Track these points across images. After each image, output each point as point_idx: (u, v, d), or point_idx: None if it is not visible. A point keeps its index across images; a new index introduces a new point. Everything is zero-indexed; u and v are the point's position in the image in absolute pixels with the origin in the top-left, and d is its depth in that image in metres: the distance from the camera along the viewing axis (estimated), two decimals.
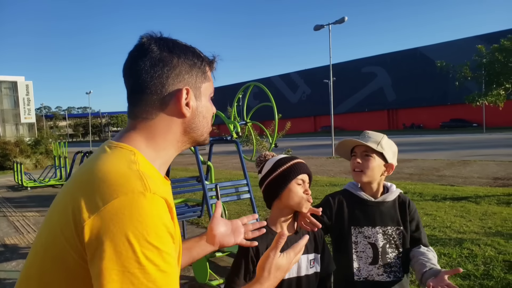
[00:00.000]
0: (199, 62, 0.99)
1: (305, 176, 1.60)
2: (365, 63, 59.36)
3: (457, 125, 48.93)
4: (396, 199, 1.83)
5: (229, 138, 3.92)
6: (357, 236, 1.78)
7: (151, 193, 0.80)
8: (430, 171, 12.33)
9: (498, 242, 4.74)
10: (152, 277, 0.75)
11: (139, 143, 0.93)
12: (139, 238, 0.75)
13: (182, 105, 0.94)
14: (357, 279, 1.77)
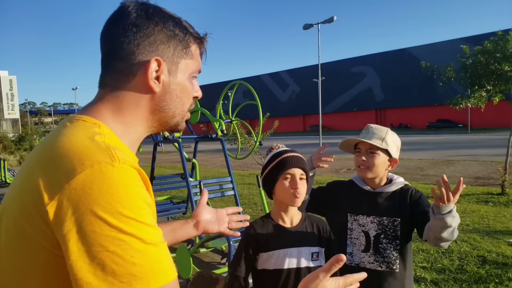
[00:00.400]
0: (181, 34, 0.88)
1: (294, 171, 1.57)
2: (355, 63, 59.73)
3: (444, 125, 49.57)
4: (398, 190, 1.83)
5: (214, 136, 3.98)
6: (352, 223, 1.83)
7: (120, 163, 0.71)
8: (415, 170, 12.55)
9: (474, 238, 4.91)
10: (136, 252, 0.66)
11: (105, 116, 0.84)
12: (113, 212, 0.66)
13: (149, 77, 0.84)
14: (349, 264, 1.79)
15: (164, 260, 0.71)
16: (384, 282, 1.76)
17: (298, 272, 1.58)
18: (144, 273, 0.66)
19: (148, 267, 0.67)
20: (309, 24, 19.83)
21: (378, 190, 1.83)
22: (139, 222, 0.68)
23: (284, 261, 1.58)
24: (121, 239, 0.66)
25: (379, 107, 57.88)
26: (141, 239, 0.67)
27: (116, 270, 0.65)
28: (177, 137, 3.84)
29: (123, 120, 0.85)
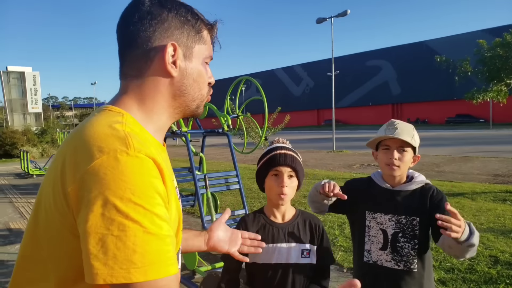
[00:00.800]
0: (193, 20, 0.91)
1: (282, 168, 1.56)
2: (370, 56, 58.98)
3: (463, 120, 48.65)
4: (419, 190, 1.78)
5: (220, 131, 3.97)
6: (371, 221, 1.82)
7: (135, 151, 0.73)
8: (430, 166, 12.33)
9: (488, 238, 4.79)
10: (139, 240, 0.68)
11: (130, 105, 0.87)
12: (122, 198, 0.68)
13: (167, 62, 0.87)
14: (367, 261, 1.80)
15: (166, 253, 0.72)
16: (401, 281, 1.74)
17: (286, 267, 1.58)
18: (144, 263, 0.68)
19: (148, 257, 0.68)
20: (322, 18, 19.58)
21: (398, 188, 1.80)
22: (147, 210, 0.70)
23: (273, 256, 1.58)
24: (126, 225, 0.68)
25: (396, 101, 57.10)
26: (146, 228, 0.69)
27: (117, 255, 0.67)
28: (185, 131, 3.83)
29: (146, 108, 0.88)
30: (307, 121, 64.55)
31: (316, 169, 12.45)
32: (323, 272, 1.67)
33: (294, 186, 1.59)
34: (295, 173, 1.57)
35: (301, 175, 1.61)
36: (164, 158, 0.87)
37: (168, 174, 0.82)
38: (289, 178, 1.56)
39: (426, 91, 51.80)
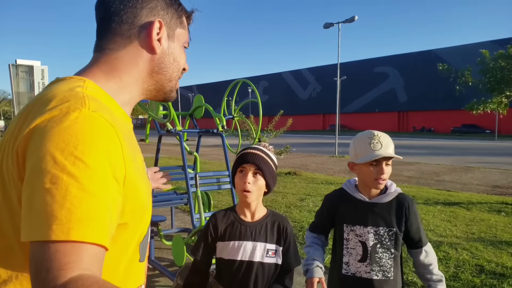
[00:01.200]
0: (175, 4, 0.95)
1: (247, 166, 1.63)
2: (378, 63, 58.86)
3: (469, 130, 48.39)
4: (394, 200, 1.82)
5: (215, 131, 4.06)
6: (349, 234, 1.83)
7: (90, 110, 0.71)
8: (430, 175, 12.33)
9: (476, 247, 4.83)
10: (69, 195, 0.62)
11: (97, 76, 0.87)
12: (63, 150, 0.64)
13: (153, 38, 0.89)
14: (345, 273, 1.83)
15: (98, 216, 0.64)
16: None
17: (250, 265, 1.64)
18: (69, 219, 0.61)
19: (75, 215, 0.61)
20: (330, 23, 19.62)
21: (374, 200, 1.83)
22: (89, 167, 0.64)
23: (238, 253, 1.64)
24: (60, 178, 0.62)
25: (402, 109, 56.93)
26: (82, 185, 0.63)
27: (42, 208, 0.61)
28: (179, 130, 3.92)
29: (118, 79, 0.88)
30: (312, 125, 64.51)
31: (316, 173, 12.50)
32: (287, 273, 1.73)
33: (260, 185, 1.64)
34: (260, 172, 1.62)
35: (268, 175, 1.65)
36: (127, 129, 0.86)
37: (128, 147, 0.78)
38: (254, 176, 1.62)
39: (433, 100, 51.62)
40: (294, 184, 9.84)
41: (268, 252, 1.67)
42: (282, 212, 6.76)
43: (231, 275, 1.65)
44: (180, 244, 3.68)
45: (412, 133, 52.52)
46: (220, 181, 3.90)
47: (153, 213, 5.38)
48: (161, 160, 15.14)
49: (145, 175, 0.90)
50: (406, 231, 1.82)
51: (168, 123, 3.80)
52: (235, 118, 4.31)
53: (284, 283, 1.72)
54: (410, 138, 38.41)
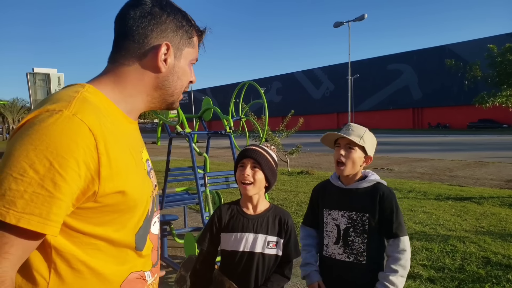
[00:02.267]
0: (187, 26, 1.03)
1: (245, 160, 1.77)
2: (391, 60, 58.29)
3: (486, 125, 47.46)
4: (370, 188, 1.91)
5: (223, 132, 4.22)
6: (327, 218, 1.97)
7: (71, 113, 0.80)
8: (443, 171, 12.26)
9: (485, 240, 4.87)
10: (30, 188, 0.74)
11: (103, 84, 0.97)
12: (36, 148, 0.75)
13: (159, 59, 0.98)
14: (325, 254, 1.97)
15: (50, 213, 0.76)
16: (351, 272, 1.89)
17: (251, 256, 1.75)
18: (24, 210, 0.74)
19: (30, 208, 0.74)
20: (340, 22, 19.64)
21: (350, 186, 1.94)
22: (53, 167, 0.75)
23: (240, 244, 1.76)
24: (27, 172, 0.74)
25: (416, 105, 56.22)
26: (43, 182, 0.74)
27: (5, 193, 0.74)
28: (188, 132, 4.09)
29: (123, 90, 0.98)
30: (326, 125, 64.22)
31: (329, 172, 12.56)
32: (287, 263, 1.85)
33: (259, 178, 1.76)
34: (258, 165, 1.75)
35: (266, 169, 1.77)
36: (122, 131, 0.94)
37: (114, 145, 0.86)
38: (252, 169, 1.75)
39: (448, 95, 50.86)
40: (306, 183, 9.95)
41: (269, 243, 1.78)
42: (293, 210, 6.89)
43: (233, 265, 1.77)
44: (191, 241, 3.84)
45: (427, 129, 51.84)
46: (228, 180, 4.06)
47: (167, 213, 5.60)
48: (174, 162, 15.42)
49: (142, 171, 0.99)
50: (379, 220, 1.87)
51: (177, 126, 3.97)
52: (242, 119, 4.47)
53: (284, 272, 1.83)
54: (425, 135, 37.98)
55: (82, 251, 0.88)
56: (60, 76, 58.36)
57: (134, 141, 1.00)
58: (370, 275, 1.87)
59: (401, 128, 52.99)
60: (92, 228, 0.88)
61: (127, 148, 0.93)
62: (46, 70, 57.69)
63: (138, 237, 0.98)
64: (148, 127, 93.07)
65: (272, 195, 8.27)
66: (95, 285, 0.91)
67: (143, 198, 0.98)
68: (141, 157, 1.01)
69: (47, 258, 0.85)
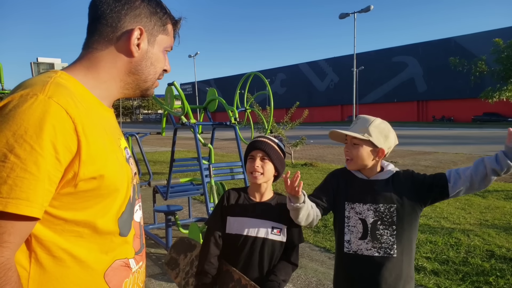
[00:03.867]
0: (161, 12, 1.03)
1: (254, 152, 1.81)
2: (396, 52, 57.79)
3: (491, 119, 47.15)
4: (391, 178, 1.84)
5: (228, 123, 4.22)
6: (350, 211, 1.85)
7: (46, 97, 0.80)
8: (448, 164, 12.23)
9: (489, 233, 4.87)
10: (13, 173, 0.74)
11: (77, 70, 0.97)
12: (15, 133, 0.75)
13: (132, 43, 0.98)
14: (347, 251, 1.84)
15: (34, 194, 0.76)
16: (382, 267, 1.79)
17: (255, 240, 1.79)
18: (9, 195, 0.74)
19: (16, 192, 0.74)
20: (345, 14, 19.48)
21: (373, 178, 1.86)
22: (34, 149, 0.76)
23: (244, 228, 1.79)
24: (8, 157, 0.74)
25: (421, 98, 55.87)
26: (25, 165, 0.75)
27: None
28: (193, 123, 4.09)
29: (97, 75, 0.98)
30: (331, 117, 64.02)
31: (333, 164, 12.55)
32: (292, 249, 1.87)
33: (268, 169, 1.80)
34: (268, 157, 1.79)
35: (275, 159, 1.81)
36: (98, 115, 0.94)
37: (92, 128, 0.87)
38: (262, 160, 1.80)
39: (453, 88, 50.45)
40: (310, 175, 9.95)
41: (273, 229, 1.81)
42: None
43: (237, 250, 1.79)
44: (196, 231, 3.87)
45: (432, 122, 51.58)
46: (233, 171, 4.07)
47: (171, 203, 5.62)
48: (179, 153, 15.47)
49: (121, 157, 0.99)
50: (418, 190, 1.80)
51: (182, 117, 3.97)
52: (247, 111, 4.46)
53: (290, 259, 1.85)
54: (430, 128, 37.80)
55: (64, 239, 0.87)
56: (64, 66, 58.31)
57: (111, 128, 0.99)
58: (401, 268, 1.81)
59: (405, 120, 52.73)
60: (74, 214, 0.88)
61: (104, 133, 0.93)
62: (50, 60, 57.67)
63: (121, 222, 0.98)
64: (152, 118, 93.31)
65: (276, 186, 8.28)
66: (78, 274, 0.90)
67: (123, 183, 0.98)
68: (119, 144, 1.01)
69: (27, 247, 0.85)
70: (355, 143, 1.81)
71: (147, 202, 6.02)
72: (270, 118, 4.17)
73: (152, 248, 4.56)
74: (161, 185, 5.04)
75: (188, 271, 1.94)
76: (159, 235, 4.88)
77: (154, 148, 19.61)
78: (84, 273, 0.90)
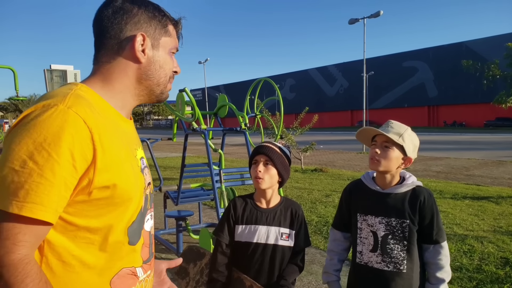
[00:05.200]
0: (160, 15, 1.05)
1: (258, 157, 1.82)
2: (406, 57, 57.47)
3: (504, 124, 46.48)
4: (409, 192, 1.79)
5: (238, 129, 4.24)
6: (362, 223, 1.83)
7: (65, 107, 0.84)
8: (460, 170, 12.08)
9: (503, 240, 4.79)
10: (30, 179, 0.78)
11: (93, 84, 1.00)
12: (35, 141, 0.79)
13: (137, 49, 1.00)
14: (359, 262, 1.84)
15: (49, 199, 0.79)
16: (391, 282, 1.76)
17: (265, 247, 1.80)
18: (26, 199, 0.78)
19: (32, 197, 0.78)
20: (355, 19, 19.43)
21: (387, 190, 1.81)
22: (52, 157, 0.80)
23: (254, 236, 1.80)
24: (27, 164, 0.78)
25: (432, 103, 55.39)
26: (42, 172, 0.78)
27: (9, 186, 0.78)
28: (204, 129, 4.12)
29: (111, 87, 1.02)
30: (340, 122, 63.79)
31: (343, 169, 12.49)
32: (299, 253, 1.88)
33: (272, 174, 1.80)
34: (271, 161, 1.79)
35: (279, 164, 1.81)
36: (115, 125, 0.97)
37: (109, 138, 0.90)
38: (265, 165, 1.80)
39: (465, 93, 49.93)
40: (320, 181, 9.91)
41: (282, 235, 1.82)
42: (307, 207, 6.87)
43: (247, 257, 1.80)
44: (206, 237, 3.88)
45: (443, 128, 51.04)
46: (243, 176, 4.08)
47: (182, 209, 5.64)
48: (190, 159, 15.54)
49: (136, 167, 1.01)
50: (419, 225, 1.76)
51: (193, 122, 4.00)
52: (257, 116, 4.47)
53: (297, 262, 1.87)
54: (441, 133, 37.41)
55: (75, 244, 0.90)
56: (76, 73, 59.11)
57: (128, 138, 1.02)
58: (410, 284, 1.78)
59: (416, 126, 52.24)
60: (87, 221, 0.90)
61: (120, 143, 0.95)
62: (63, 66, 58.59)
63: (131, 231, 1.00)
64: (162, 124, 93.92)
65: (286, 192, 8.27)
66: (85, 279, 0.92)
67: (137, 193, 1.00)
68: (135, 154, 1.03)
69: (39, 252, 0.87)
70: (386, 146, 1.77)
71: (158, 208, 6.05)
72: (280, 123, 4.17)
73: (162, 253, 4.58)
74: (172, 190, 5.07)
75: (198, 279, 1.95)
76: (170, 241, 4.90)
77: (165, 153, 19.72)
78: (91, 279, 0.93)
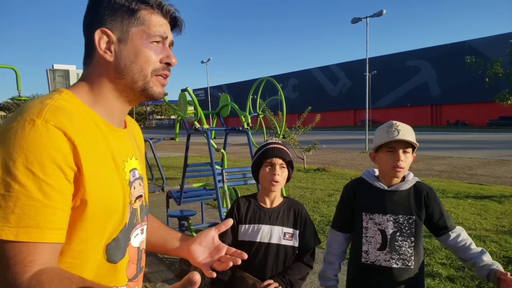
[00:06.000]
0: (126, 4, 0.95)
1: (275, 160, 1.80)
2: (409, 56, 57.39)
3: (507, 123, 46.34)
4: (412, 188, 1.82)
5: (240, 129, 4.25)
6: (368, 222, 1.82)
7: (43, 121, 0.78)
8: (462, 169, 12.05)
9: (506, 239, 4.78)
10: (19, 202, 0.73)
11: (79, 90, 0.95)
12: (15, 161, 0.74)
13: (98, 48, 0.93)
14: (365, 261, 1.82)
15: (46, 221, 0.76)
16: (400, 278, 1.78)
17: (268, 247, 1.80)
18: (18, 224, 0.74)
19: (25, 221, 0.74)
20: (358, 18, 19.41)
21: (393, 188, 1.82)
22: (37, 177, 0.75)
23: (257, 235, 1.81)
24: (12, 187, 0.74)
25: (435, 102, 55.30)
26: (30, 193, 0.74)
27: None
28: (206, 128, 4.13)
29: (94, 92, 0.96)
30: (343, 121, 63.77)
31: (346, 169, 12.49)
32: (307, 252, 1.87)
33: (285, 176, 1.84)
34: (286, 164, 1.82)
35: (291, 166, 1.86)
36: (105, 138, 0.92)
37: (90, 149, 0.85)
38: (281, 168, 1.81)
39: (468, 92, 49.82)
40: (322, 180, 9.91)
41: (285, 235, 1.82)
42: (310, 207, 6.88)
43: (250, 257, 1.79)
44: None
45: (446, 127, 50.93)
46: (246, 176, 4.09)
47: (184, 208, 5.66)
48: (192, 159, 15.57)
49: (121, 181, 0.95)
50: (428, 219, 1.81)
51: (196, 122, 4.01)
52: (260, 116, 4.48)
53: (304, 260, 1.85)
54: (444, 132, 37.34)
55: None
56: (79, 73, 59.20)
57: (115, 150, 0.95)
58: (417, 279, 1.81)
59: (419, 125, 52.15)
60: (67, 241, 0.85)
61: (101, 157, 0.89)
62: (65, 66, 58.77)
63: (109, 248, 0.93)
64: (165, 124, 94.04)
65: (289, 192, 8.28)
66: None
67: (118, 209, 0.93)
68: (123, 167, 0.97)
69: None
70: (406, 151, 1.78)
71: (160, 207, 6.08)
72: (282, 123, 4.18)
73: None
74: (174, 190, 5.09)
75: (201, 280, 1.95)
76: None
77: (168, 153, 19.77)
78: None
